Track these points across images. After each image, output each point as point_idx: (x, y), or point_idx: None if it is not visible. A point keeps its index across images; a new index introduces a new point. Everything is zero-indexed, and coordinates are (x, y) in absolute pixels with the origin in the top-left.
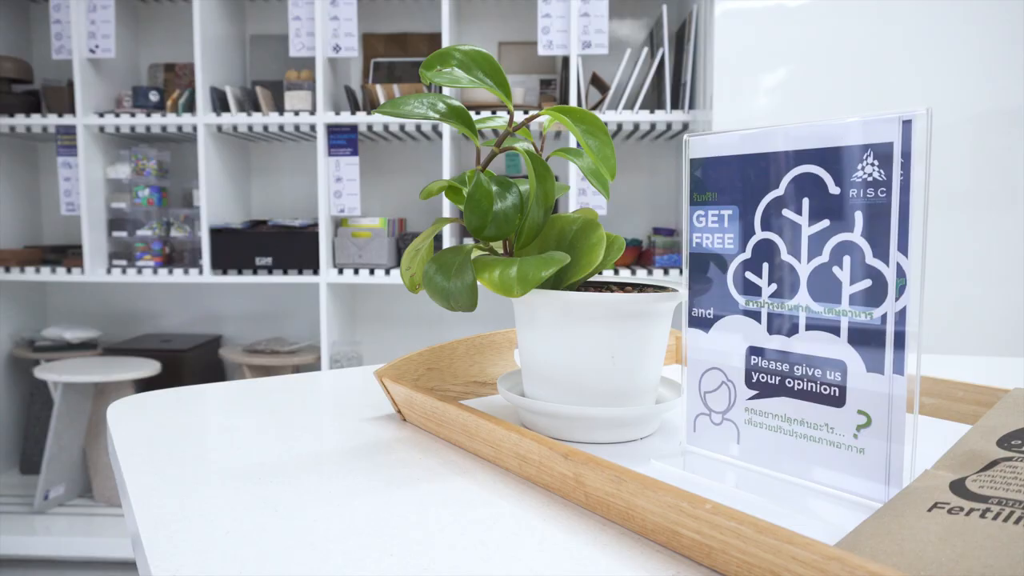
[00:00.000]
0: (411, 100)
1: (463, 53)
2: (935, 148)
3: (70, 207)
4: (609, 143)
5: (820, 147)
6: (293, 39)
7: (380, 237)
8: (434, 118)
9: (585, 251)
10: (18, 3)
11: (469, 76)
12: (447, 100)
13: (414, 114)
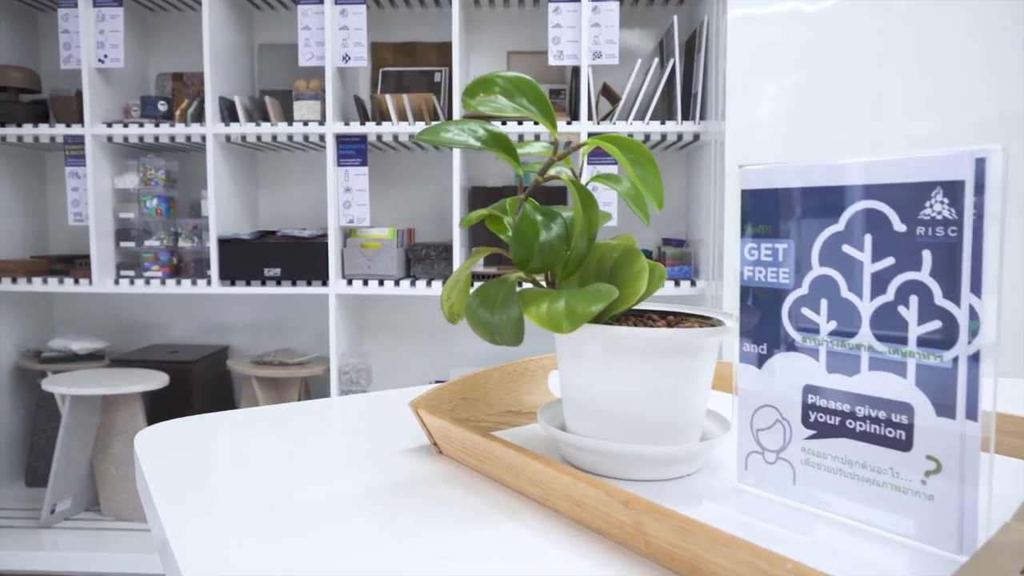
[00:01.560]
0: (450, 127)
1: (506, 80)
2: None
3: (78, 217)
4: (656, 172)
5: (884, 183)
6: (302, 49)
7: (389, 248)
8: (475, 146)
9: (627, 281)
10: (26, 12)
11: (513, 104)
12: (486, 126)
13: (454, 142)
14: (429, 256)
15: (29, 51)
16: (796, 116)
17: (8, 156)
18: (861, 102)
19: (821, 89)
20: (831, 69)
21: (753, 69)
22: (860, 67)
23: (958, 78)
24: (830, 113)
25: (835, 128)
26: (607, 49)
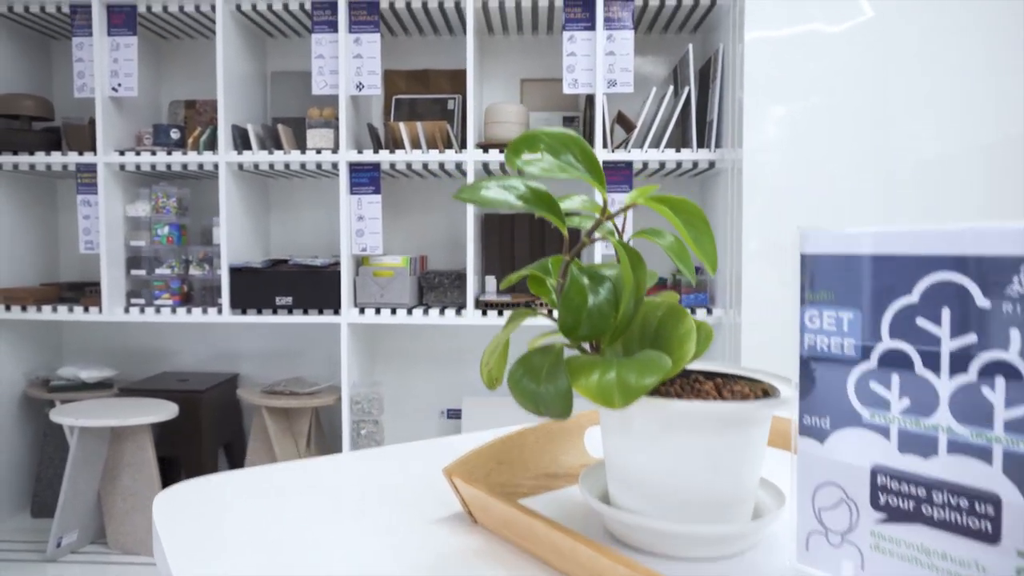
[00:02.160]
0: (490, 184)
1: (551, 136)
2: (950, 178)
3: (89, 245)
4: (709, 233)
5: (964, 254)
6: (316, 77)
7: (402, 276)
8: (517, 206)
9: (674, 344)
10: (40, 40)
11: (559, 162)
12: (528, 183)
13: (495, 202)
14: (442, 284)
15: (42, 79)
16: (811, 140)
17: (20, 184)
18: (876, 123)
19: (836, 112)
20: (846, 91)
21: (769, 94)
22: (874, 88)
23: (966, 100)
24: (845, 135)
25: (850, 151)
26: (622, 77)
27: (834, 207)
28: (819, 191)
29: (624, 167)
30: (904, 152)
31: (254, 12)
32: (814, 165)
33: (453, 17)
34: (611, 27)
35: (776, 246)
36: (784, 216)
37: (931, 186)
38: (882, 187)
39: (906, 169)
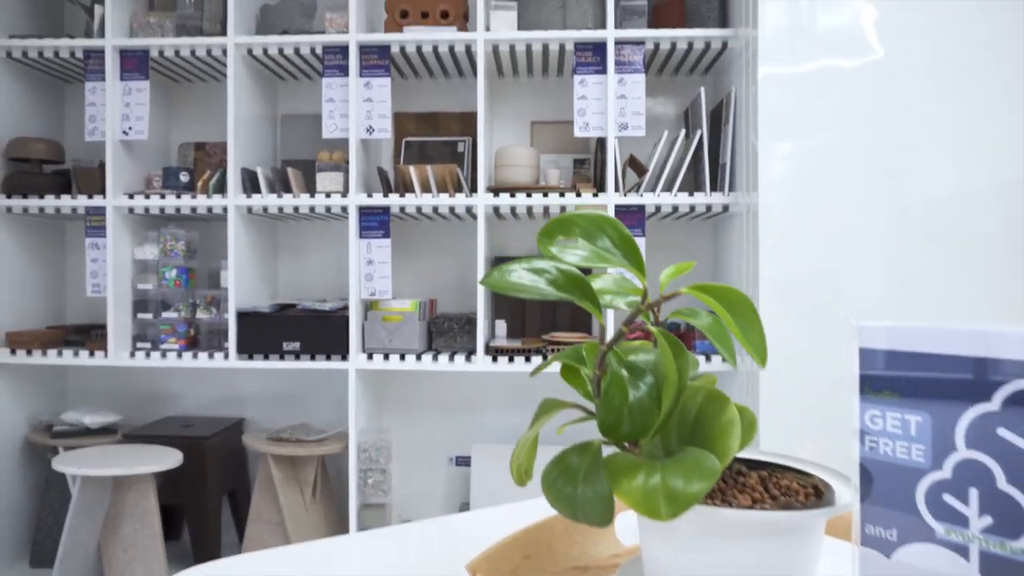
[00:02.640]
0: (517, 268)
1: (585, 219)
2: (967, 215)
3: (96, 288)
4: (758, 323)
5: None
6: (326, 120)
7: (411, 321)
8: (549, 294)
9: (716, 436)
10: (54, 85)
11: (596, 248)
12: (559, 265)
13: (526, 289)
14: (452, 329)
15: (55, 122)
16: (826, 181)
17: (29, 226)
18: (892, 162)
19: (851, 151)
20: (860, 129)
21: (783, 134)
22: (889, 126)
23: (982, 138)
24: (861, 174)
25: (866, 190)
26: (633, 121)
27: (851, 247)
28: (835, 232)
29: (636, 211)
30: (926, 189)
31: (265, 56)
32: (829, 207)
33: (463, 60)
34: (622, 71)
35: (793, 290)
36: (801, 259)
37: (949, 225)
38: (897, 226)
39: (928, 207)
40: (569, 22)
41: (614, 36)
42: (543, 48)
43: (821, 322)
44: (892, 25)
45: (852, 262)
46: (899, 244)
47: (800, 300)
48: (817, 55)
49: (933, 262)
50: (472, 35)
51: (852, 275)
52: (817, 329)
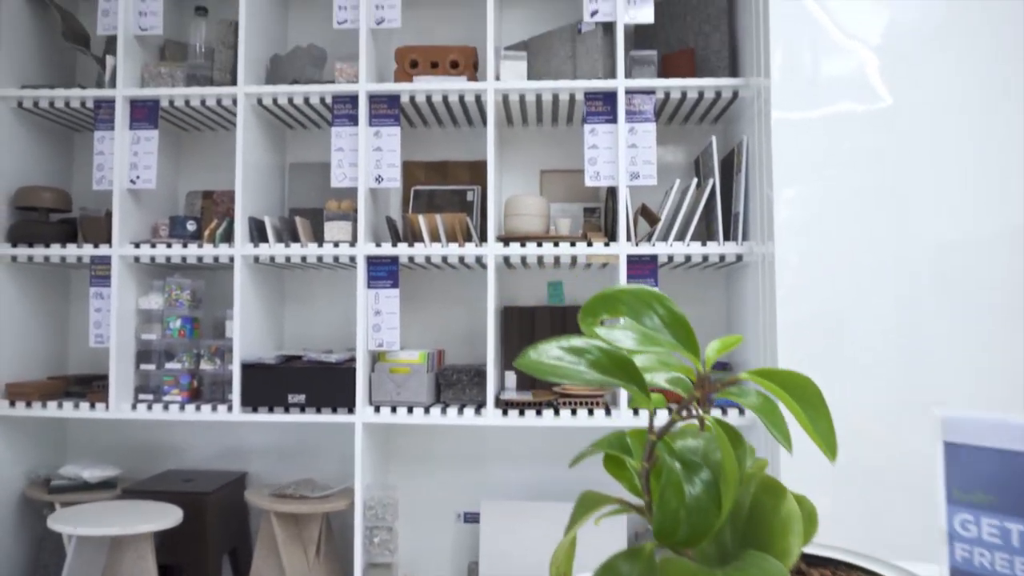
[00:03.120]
0: (554, 348)
1: (631, 295)
2: (980, 260)
3: (99, 339)
4: (827, 414)
5: None
6: (335, 169)
7: (419, 373)
8: (594, 380)
9: (776, 534)
10: (63, 134)
11: (645, 330)
12: (599, 343)
13: (566, 373)
14: (461, 381)
15: (63, 169)
16: (840, 228)
17: (34, 274)
18: (901, 208)
19: (863, 197)
20: (871, 175)
21: (797, 182)
22: (898, 173)
23: (988, 183)
24: (872, 220)
25: (878, 236)
26: (644, 170)
27: (866, 293)
28: (850, 279)
29: (649, 260)
30: (938, 233)
31: (275, 106)
32: (845, 254)
33: (473, 110)
34: (633, 120)
35: (809, 337)
36: (817, 307)
37: (963, 270)
38: (910, 271)
39: (943, 251)
40: (579, 72)
41: (624, 85)
42: (553, 97)
43: (837, 368)
44: (900, 73)
45: (867, 307)
46: (911, 289)
47: (816, 347)
48: (828, 103)
49: (947, 307)
50: (482, 85)
51: (868, 321)
52: (833, 376)
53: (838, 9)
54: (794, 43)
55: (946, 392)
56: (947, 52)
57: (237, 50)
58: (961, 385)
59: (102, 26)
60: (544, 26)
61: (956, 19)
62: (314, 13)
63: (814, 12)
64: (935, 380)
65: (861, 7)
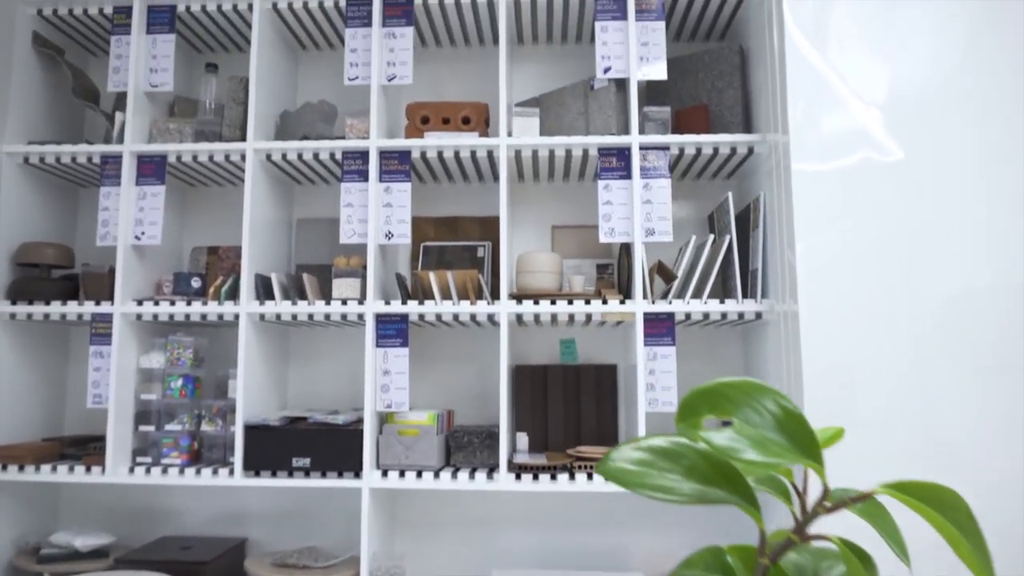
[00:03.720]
0: (635, 451)
1: (738, 391)
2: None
3: (97, 399)
4: (981, 534)
5: None
6: (344, 226)
7: (429, 435)
8: (694, 496)
9: None
10: (68, 189)
11: (757, 433)
12: (695, 445)
13: (661, 489)
14: (472, 443)
15: (67, 224)
16: (864, 284)
17: (33, 332)
18: (921, 260)
19: (886, 252)
20: (892, 228)
21: (819, 238)
22: (917, 224)
23: (1011, 236)
24: (894, 274)
25: (904, 290)
26: (660, 226)
27: (890, 348)
28: (876, 335)
29: (666, 319)
30: (966, 283)
31: (284, 161)
32: (870, 310)
33: (484, 166)
34: (647, 176)
35: (837, 395)
36: (845, 364)
37: (994, 324)
38: (940, 323)
39: (974, 303)
40: (592, 128)
41: (639, 141)
42: (566, 153)
43: (860, 422)
44: (914, 128)
45: (888, 361)
46: (934, 340)
47: (841, 405)
48: (845, 157)
49: (966, 361)
50: (495, 141)
51: (890, 375)
52: (859, 432)
53: (852, 65)
54: (811, 99)
55: (962, 449)
56: (960, 105)
57: (247, 106)
58: (977, 441)
59: (112, 82)
60: (554, 82)
61: (967, 74)
62: (323, 69)
63: (828, 69)
64: (949, 435)
65: (874, 63)
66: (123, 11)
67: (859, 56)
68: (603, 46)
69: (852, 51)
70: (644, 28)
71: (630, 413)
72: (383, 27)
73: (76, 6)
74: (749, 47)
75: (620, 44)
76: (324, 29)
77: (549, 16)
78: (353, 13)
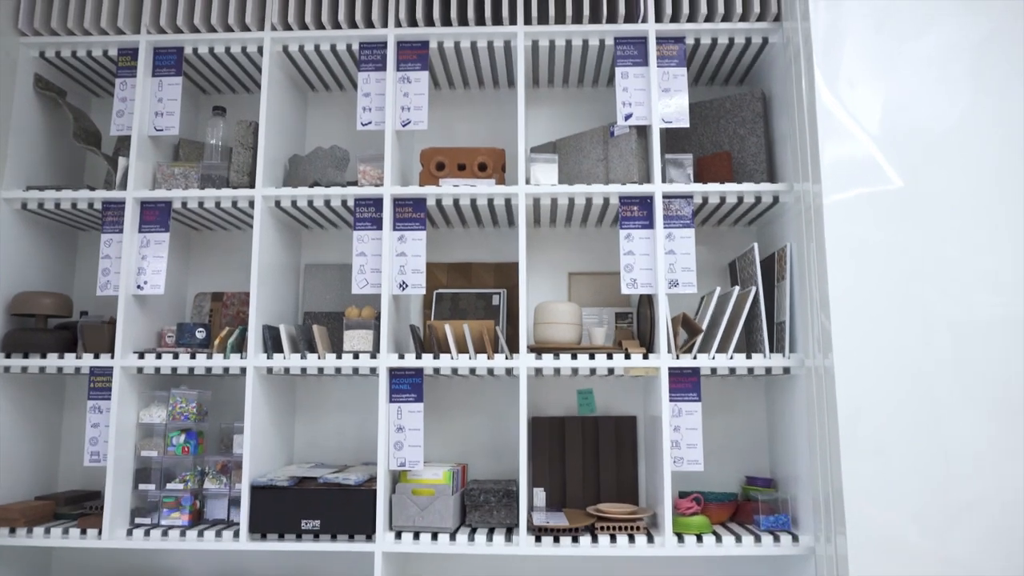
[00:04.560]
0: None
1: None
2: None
3: (94, 457)
4: None
5: None
6: (356, 275)
7: (444, 495)
8: None
9: None
10: (66, 232)
11: None
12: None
13: None
14: (488, 502)
15: (65, 270)
16: (903, 337)
17: (27, 383)
18: (957, 311)
19: (920, 301)
20: (930, 278)
21: (854, 289)
22: (955, 274)
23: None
24: (941, 328)
25: (951, 345)
26: (684, 277)
27: (940, 405)
28: (921, 390)
29: (691, 374)
30: None
31: (293, 208)
32: (903, 364)
33: (500, 212)
34: (671, 225)
35: (876, 452)
36: (886, 423)
37: None
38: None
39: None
40: (612, 175)
41: (663, 190)
42: (586, 201)
43: (907, 483)
44: (953, 174)
45: (932, 418)
46: (990, 398)
47: (882, 464)
48: (882, 207)
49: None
50: (514, 189)
51: (931, 430)
52: (906, 490)
53: (877, 111)
54: (842, 147)
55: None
56: (1003, 139)
57: (256, 150)
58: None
59: (116, 126)
60: (568, 125)
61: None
62: (332, 109)
63: (858, 117)
64: (1003, 497)
65: (898, 108)
66: (128, 52)
67: (884, 102)
68: (624, 92)
69: (877, 96)
70: (666, 74)
71: (650, 467)
72: (397, 71)
73: (80, 48)
74: (772, 93)
75: (641, 90)
76: (335, 70)
77: (567, 60)
78: (366, 57)
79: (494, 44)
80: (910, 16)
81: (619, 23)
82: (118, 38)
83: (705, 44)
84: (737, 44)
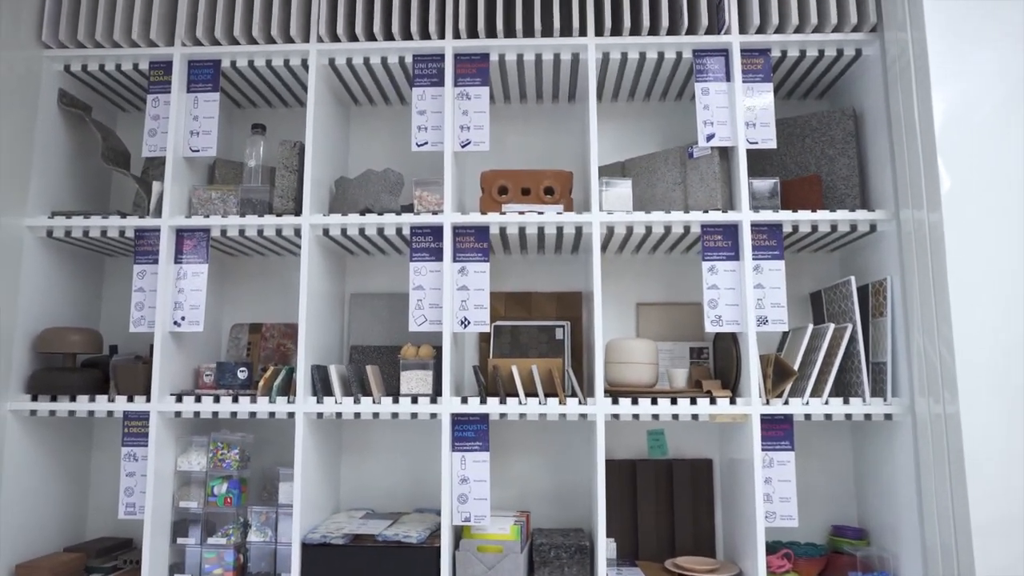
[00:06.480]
0: None
1: None
2: None
3: (130, 510)
4: None
5: None
6: (413, 311)
7: (513, 552)
8: None
9: None
10: (93, 259)
11: None
12: None
13: None
14: (560, 558)
15: (92, 299)
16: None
17: (53, 426)
18: None
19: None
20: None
21: (979, 327)
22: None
23: None
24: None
25: None
26: (773, 314)
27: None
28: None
29: (783, 420)
30: None
31: (343, 236)
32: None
33: (568, 241)
34: (759, 257)
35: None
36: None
37: None
38: None
39: None
40: (692, 201)
41: (750, 219)
42: (664, 229)
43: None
44: None
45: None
46: None
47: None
48: (1006, 235)
49: None
50: (587, 217)
51: None
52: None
53: (1010, 129)
54: (965, 172)
55: None
56: None
57: (302, 174)
58: None
59: (148, 147)
60: (636, 142)
61: None
62: (375, 123)
63: (986, 137)
64: None
65: None
66: (160, 66)
67: (1010, 119)
68: (704, 110)
69: (1004, 112)
70: (751, 90)
71: (729, 515)
72: (455, 86)
73: (108, 61)
74: (864, 109)
75: (724, 108)
76: (383, 84)
77: (637, 73)
78: (421, 71)
79: (561, 56)
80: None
81: (699, 34)
82: (150, 50)
83: (792, 56)
84: (827, 56)
